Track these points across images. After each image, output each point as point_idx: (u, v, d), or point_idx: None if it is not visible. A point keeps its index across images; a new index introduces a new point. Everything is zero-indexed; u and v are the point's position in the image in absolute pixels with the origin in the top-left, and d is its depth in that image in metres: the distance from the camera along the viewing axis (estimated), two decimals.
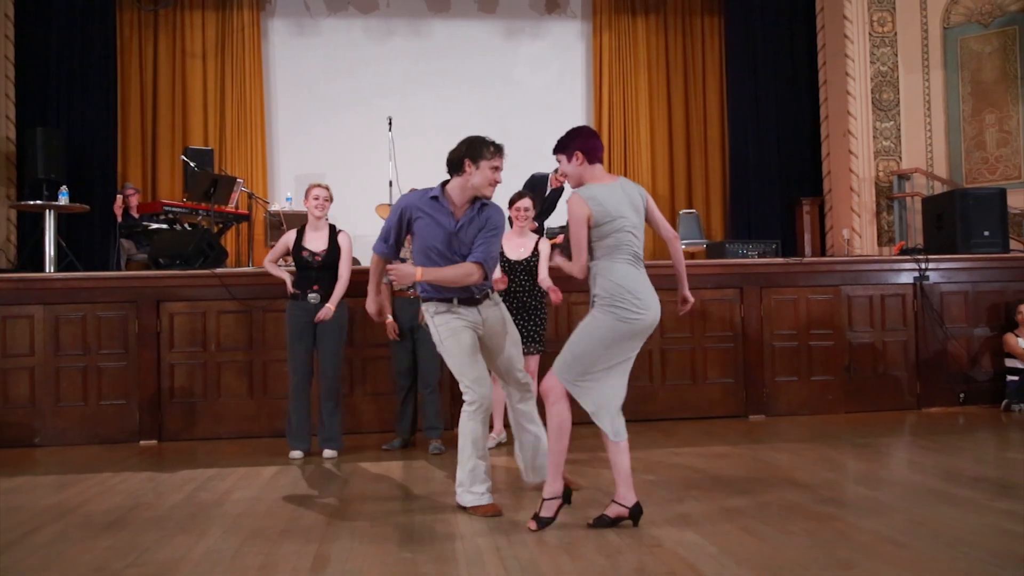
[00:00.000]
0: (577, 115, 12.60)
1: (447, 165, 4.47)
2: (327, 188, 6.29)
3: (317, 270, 6.15)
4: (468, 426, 4.40)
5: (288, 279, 6.28)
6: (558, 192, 10.66)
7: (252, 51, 11.81)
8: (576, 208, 4.03)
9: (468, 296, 4.46)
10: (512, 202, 6.44)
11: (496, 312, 4.60)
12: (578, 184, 4.17)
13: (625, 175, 12.19)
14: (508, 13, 12.49)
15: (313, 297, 6.09)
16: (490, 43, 12.45)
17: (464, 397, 4.40)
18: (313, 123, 11.94)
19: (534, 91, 12.35)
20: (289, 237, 6.29)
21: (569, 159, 4.17)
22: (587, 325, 4.08)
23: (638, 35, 12.58)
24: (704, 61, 12.70)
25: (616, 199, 4.07)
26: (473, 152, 4.37)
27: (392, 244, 4.60)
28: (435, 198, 4.46)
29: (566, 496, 4.17)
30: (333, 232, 6.25)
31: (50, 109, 10.83)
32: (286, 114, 12.09)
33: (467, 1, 12.40)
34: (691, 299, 4.47)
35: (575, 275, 4.14)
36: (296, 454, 6.17)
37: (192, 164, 10.03)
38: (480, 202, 4.48)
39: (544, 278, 6.19)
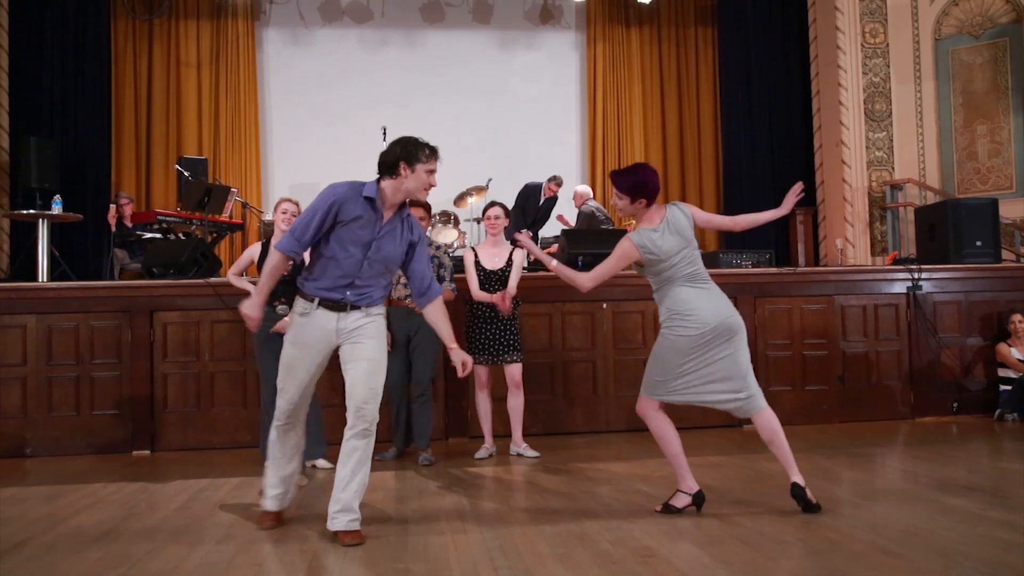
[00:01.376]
0: (571, 125, 12.71)
1: (379, 166, 4.15)
2: (297, 204, 6.26)
3: (283, 283, 6.09)
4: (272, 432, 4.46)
5: (253, 290, 6.23)
6: (552, 201, 10.69)
7: (247, 60, 11.86)
8: (626, 247, 4.43)
9: (334, 300, 4.15)
10: (484, 211, 6.49)
11: (364, 321, 4.20)
12: (628, 215, 4.58)
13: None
14: (502, 24, 12.56)
15: (282, 309, 6.03)
16: (484, 53, 12.51)
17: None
18: (307, 133, 11.96)
19: (528, 101, 12.41)
20: (254, 251, 6.26)
21: (633, 201, 4.50)
22: (656, 347, 4.51)
23: (632, 46, 12.67)
24: (698, 71, 12.78)
25: (665, 240, 4.41)
26: (408, 154, 4.08)
27: (307, 242, 4.13)
28: (370, 199, 4.09)
29: (698, 499, 4.50)
30: None
31: (44, 118, 10.82)
32: (280, 124, 12.13)
33: (461, 11, 12.45)
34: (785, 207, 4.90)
35: (580, 286, 4.56)
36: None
37: (186, 173, 10.04)
38: (406, 212, 4.24)
39: (512, 287, 6.21)
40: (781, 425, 4.54)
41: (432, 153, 4.15)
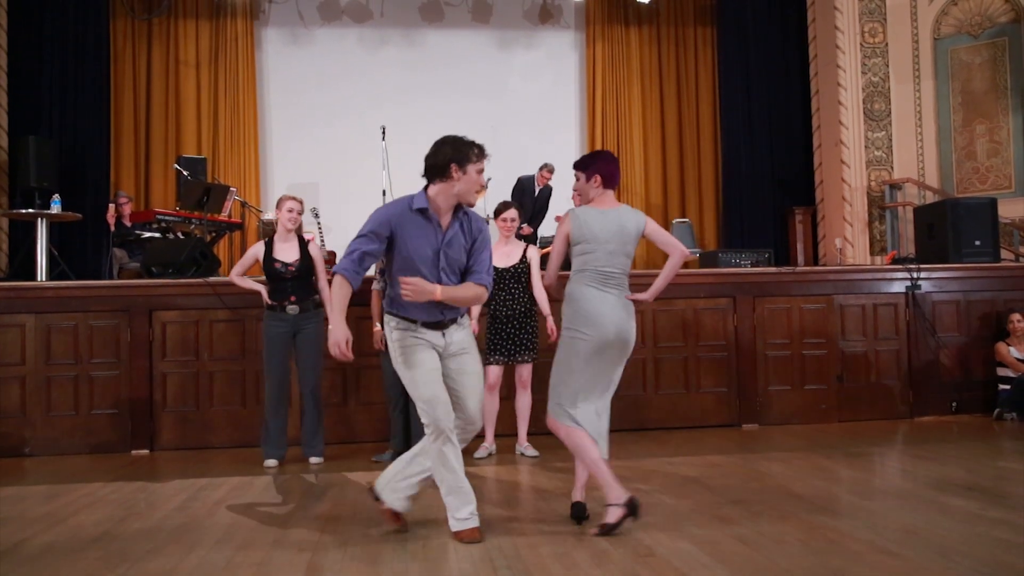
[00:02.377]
0: (570, 125, 12.71)
1: (428, 170, 4.02)
2: (301, 201, 6.33)
3: (291, 280, 6.16)
4: (431, 450, 4.07)
5: (262, 289, 6.27)
6: (547, 191, 10.77)
7: (246, 60, 11.85)
8: (562, 223, 4.33)
9: (435, 320, 4.06)
10: (498, 212, 6.43)
11: (462, 335, 4.18)
12: (585, 203, 4.35)
13: (618, 185, 12.26)
14: (502, 23, 12.56)
15: (292, 308, 6.12)
16: (484, 53, 12.51)
17: (422, 419, 4.05)
18: (306, 132, 11.96)
19: (528, 101, 12.42)
20: (258, 249, 6.29)
21: (588, 179, 4.35)
22: (557, 352, 4.33)
23: (631, 45, 12.66)
24: (697, 71, 12.77)
25: (604, 224, 4.27)
26: (460, 155, 3.95)
27: (367, 267, 4.01)
28: (422, 211, 3.99)
29: (631, 507, 4.07)
30: (302, 242, 6.28)
31: (43, 117, 10.84)
32: (279, 123, 12.12)
33: (461, 11, 12.45)
34: (643, 298, 4.46)
35: (548, 287, 4.57)
36: (271, 463, 6.20)
37: (185, 173, 10.03)
38: (463, 211, 4.10)
39: (536, 285, 6.26)
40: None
41: (481, 152, 4.03)
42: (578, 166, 4.43)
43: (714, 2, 12.71)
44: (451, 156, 3.95)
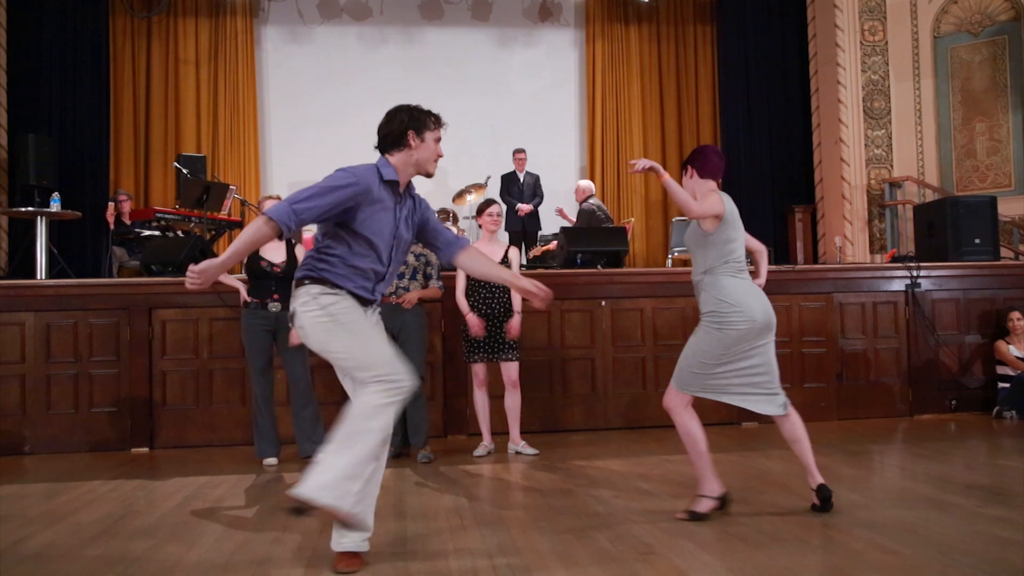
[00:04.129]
0: (570, 123, 12.76)
1: (382, 140, 3.68)
2: (279, 198, 6.26)
3: (276, 280, 6.17)
4: (369, 404, 3.51)
5: (242, 288, 6.28)
6: (533, 177, 11.02)
7: (245, 58, 11.91)
8: (715, 201, 4.28)
9: (362, 298, 3.67)
10: (481, 210, 6.37)
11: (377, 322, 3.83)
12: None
13: (618, 183, 12.35)
14: (501, 21, 12.61)
15: (273, 306, 6.12)
16: (483, 51, 12.56)
17: (375, 387, 3.50)
18: (306, 130, 12.01)
19: (527, 99, 12.47)
20: None
21: (703, 175, 4.46)
22: (698, 341, 4.35)
23: (631, 43, 12.71)
24: (696, 69, 12.82)
25: (735, 212, 4.37)
26: (417, 123, 3.65)
27: (306, 221, 3.52)
28: (392, 183, 3.65)
29: (724, 501, 4.39)
30: (290, 244, 6.27)
31: (42, 115, 10.89)
32: (279, 121, 12.17)
33: (460, 9, 12.51)
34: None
35: (696, 212, 4.33)
36: (271, 461, 6.21)
37: (185, 171, 10.06)
38: (413, 187, 3.82)
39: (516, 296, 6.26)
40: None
41: (438, 120, 3.74)
42: (688, 162, 4.53)
43: (714, 0, 12.74)
44: (407, 123, 3.65)
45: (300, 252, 6.20)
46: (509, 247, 6.39)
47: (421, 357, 6.28)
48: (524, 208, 10.65)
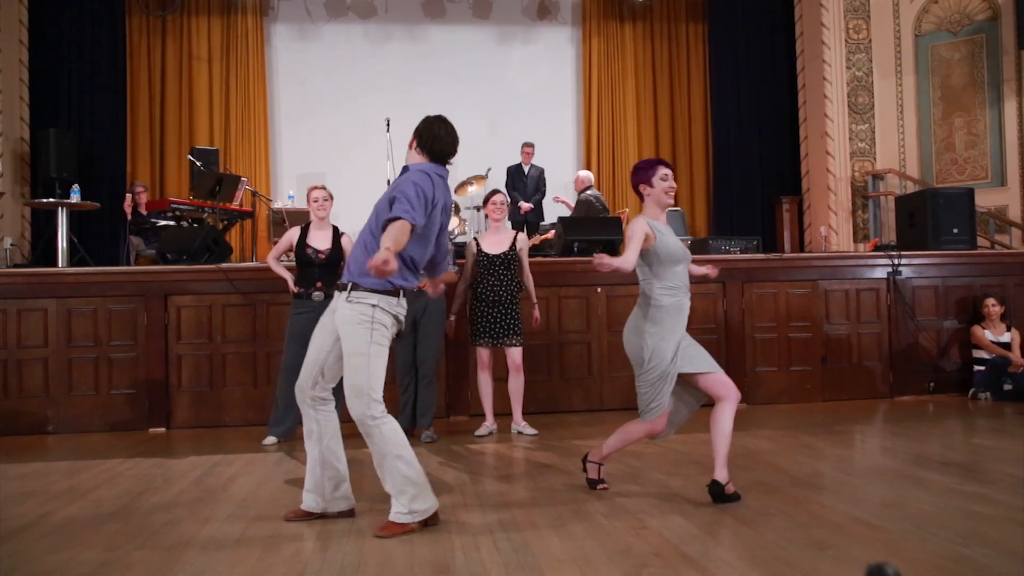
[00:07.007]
0: (567, 117, 12.93)
1: (428, 148, 4.08)
2: (324, 188, 6.33)
3: (320, 267, 6.16)
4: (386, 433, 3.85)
5: (289, 278, 6.28)
6: (538, 170, 11.11)
7: (256, 55, 12.05)
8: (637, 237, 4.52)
9: (406, 289, 3.98)
10: (486, 200, 6.61)
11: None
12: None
13: (613, 175, 12.52)
14: (501, 19, 12.77)
15: (317, 295, 6.02)
16: (484, 47, 12.71)
17: (374, 412, 3.82)
18: (314, 124, 12.16)
19: (526, 93, 12.62)
20: (293, 234, 6.30)
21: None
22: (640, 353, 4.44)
23: (626, 41, 12.88)
24: (689, 66, 12.98)
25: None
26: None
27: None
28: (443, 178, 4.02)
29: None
30: (336, 233, 6.25)
31: (62, 111, 11.07)
32: (288, 115, 12.30)
33: (462, 7, 12.66)
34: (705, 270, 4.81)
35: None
36: (271, 440, 6.29)
37: (198, 163, 10.10)
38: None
39: (526, 272, 6.50)
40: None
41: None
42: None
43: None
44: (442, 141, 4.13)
45: (346, 242, 6.16)
46: (517, 234, 6.53)
47: (440, 340, 6.49)
48: (525, 207, 10.80)
